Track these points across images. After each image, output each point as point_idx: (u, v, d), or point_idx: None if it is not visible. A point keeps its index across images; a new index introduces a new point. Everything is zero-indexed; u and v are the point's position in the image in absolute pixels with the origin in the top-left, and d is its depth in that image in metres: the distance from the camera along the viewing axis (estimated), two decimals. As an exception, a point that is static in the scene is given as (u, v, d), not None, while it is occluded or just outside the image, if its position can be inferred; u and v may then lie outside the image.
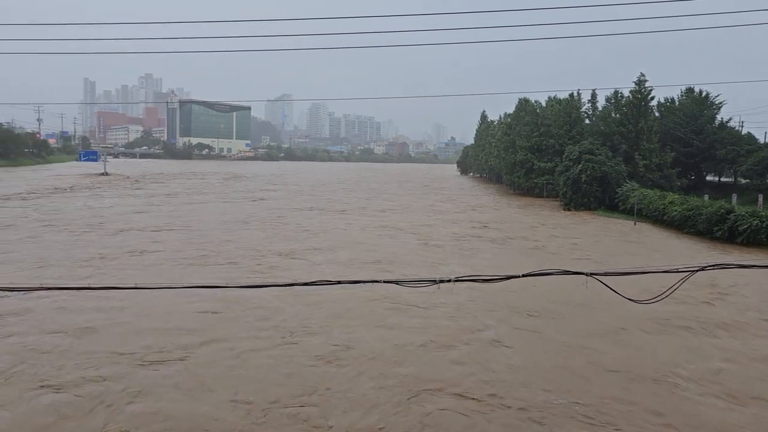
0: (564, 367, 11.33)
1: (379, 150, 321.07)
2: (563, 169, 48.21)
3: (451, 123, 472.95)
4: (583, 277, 5.62)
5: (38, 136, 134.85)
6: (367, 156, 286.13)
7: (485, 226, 33.10)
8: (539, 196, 57.48)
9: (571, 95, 59.60)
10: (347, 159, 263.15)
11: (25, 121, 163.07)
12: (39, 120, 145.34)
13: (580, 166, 45.66)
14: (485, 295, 16.36)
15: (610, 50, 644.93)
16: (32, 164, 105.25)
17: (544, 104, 62.53)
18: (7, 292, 14.38)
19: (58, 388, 9.79)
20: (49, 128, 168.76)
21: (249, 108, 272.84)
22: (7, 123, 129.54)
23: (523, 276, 5.78)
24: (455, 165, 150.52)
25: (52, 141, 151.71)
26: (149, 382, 10.06)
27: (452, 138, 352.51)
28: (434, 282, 5.69)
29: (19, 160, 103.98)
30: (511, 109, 70.62)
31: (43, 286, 12.51)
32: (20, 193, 45.04)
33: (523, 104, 63.30)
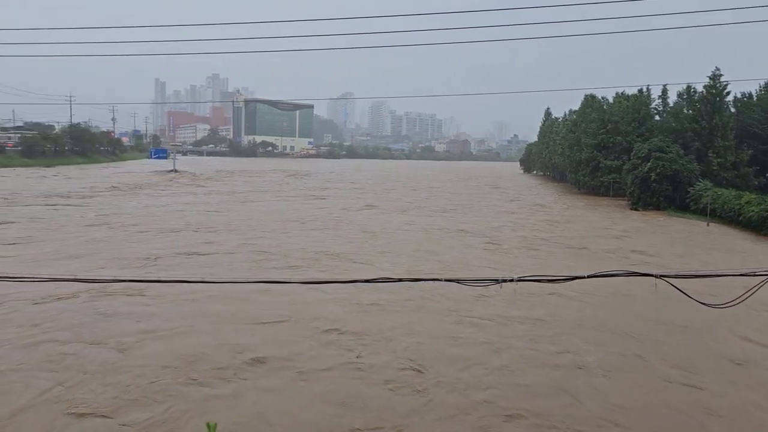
0: (670, 408, 9.70)
1: (440, 148, 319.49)
2: (631, 167, 46.54)
3: (514, 120, 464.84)
4: (652, 279, 5.28)
5: (112, 134, 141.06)
6: (428, 154, 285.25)
7: (553, 228, 31.83)
8: (605, 195, 55.72)
9: (640, 91, 57.46)
10: (408, 157, 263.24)
11: (100, 121, 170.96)
12: (113, 119, 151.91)
13: (649, 164, 43.95)
14: (557, 305, 15.46)
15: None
16: (107, 161, 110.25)
17: (611, 100, 60.55)
18: (85, 283, 14.48)
19: (94, 415, 8.76)
20: (122, 127, 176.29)
21: (312, 106, 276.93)
22: (84, 122, 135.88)
23: (588, 277, 5.47)
24: (518, 163, 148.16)
25: (125, 139, 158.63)
26: (198, 410, 9.10)
27: (515, 135, 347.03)
28: (496, 281, 5.47)
29: (94, 157, 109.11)
30: (573, 107, 68.90)
31: (118, 278, 12.82)
32: (83, 190, 47.01)
33: (590, 101, 61.53)
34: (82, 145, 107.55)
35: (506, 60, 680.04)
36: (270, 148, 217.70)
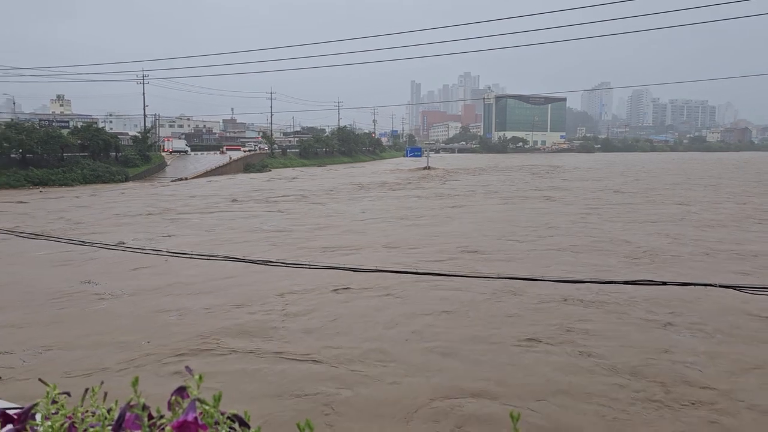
0: None
1: (712, 138, 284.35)
2: None
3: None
4: None
5: (374, 135, 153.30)
6: (698, 144, 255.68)
7: None
8: None
9: None
10: (673, 148, 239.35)
11: (363, 123, 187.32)
12: (374, 121, 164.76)
13: None
14: None
15: None
16: (369, 160, 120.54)
17: None
18: (349, 272, 15.05)
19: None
20: (381, 128, 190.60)
21: (564, 99, 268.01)
22: (350, 125, 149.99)
23: None
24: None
25: (384, 139, 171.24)
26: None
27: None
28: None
29: (358, 156, 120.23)
30: None
31: (379, 268, 13.52)
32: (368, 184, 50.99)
33: None
34: (347, 146, 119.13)
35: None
36: (520, 144, 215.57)
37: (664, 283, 5.36)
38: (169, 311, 13.00)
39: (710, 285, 5.18)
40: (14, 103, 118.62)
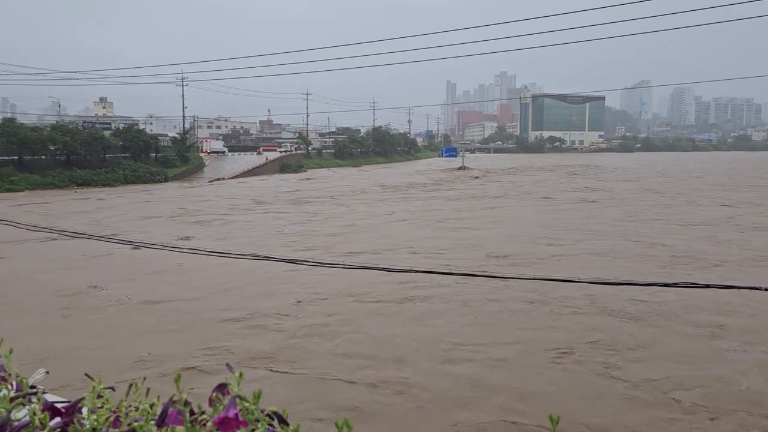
0: None
1: (758, 136, 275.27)
2: None
3: None
4: None
5: (409, 135, 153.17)
6: (743, 144, 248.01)
7: None
8: None
9: None
10: (716, 148, 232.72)
11: (398, 123, 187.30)
12: (409, 121, 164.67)
13: None
14: None
15: None
16: (404, 160, 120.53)
17: None
18: (381, 272, 14.73)
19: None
20: (417, 128, 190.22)
21: (603, 98, 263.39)
22: (385, 125, 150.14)
23: None
24: None
25: (419, 140, 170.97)
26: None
27: None
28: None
29: (393, 157, 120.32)
30: None
31: (414, 269, 13.33)
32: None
33: None
34: (382, 146, 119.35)
35: None
36: (558, 144, 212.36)
37: (707, 286, 5.15)
38: (178, 317, 12.60)
39: (756, 288, 4.96)
40: (59, 106, 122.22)
